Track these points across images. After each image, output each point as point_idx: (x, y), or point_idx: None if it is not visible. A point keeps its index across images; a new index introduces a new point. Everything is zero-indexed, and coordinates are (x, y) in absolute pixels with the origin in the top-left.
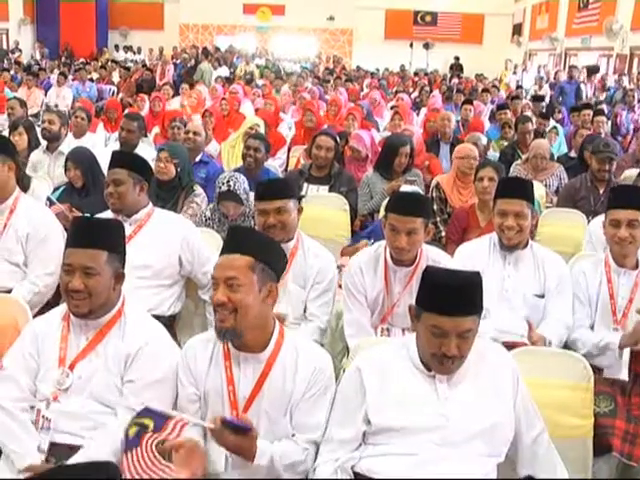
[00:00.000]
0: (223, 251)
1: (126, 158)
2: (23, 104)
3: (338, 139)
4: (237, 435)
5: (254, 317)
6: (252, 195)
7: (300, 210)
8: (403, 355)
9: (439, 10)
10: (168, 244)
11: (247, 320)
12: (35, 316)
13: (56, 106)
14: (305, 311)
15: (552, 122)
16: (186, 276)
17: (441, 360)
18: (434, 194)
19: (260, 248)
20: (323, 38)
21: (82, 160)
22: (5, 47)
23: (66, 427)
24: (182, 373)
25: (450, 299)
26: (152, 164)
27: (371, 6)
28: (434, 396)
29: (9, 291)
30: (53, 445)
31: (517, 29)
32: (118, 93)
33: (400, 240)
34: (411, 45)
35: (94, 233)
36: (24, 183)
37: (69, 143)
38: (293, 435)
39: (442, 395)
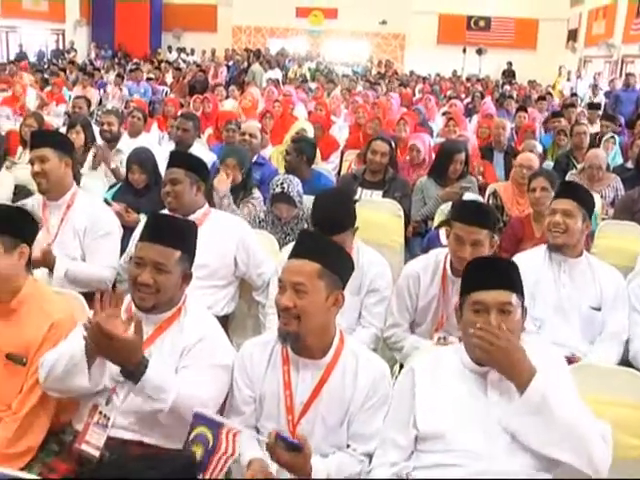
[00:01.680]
0: (292, 255)
1: (184, 158)
2: (89, 103)
3: (393, 144)
4: (291, 452)
5: (317, 324)
6: (306, 198)
7: (355, 230)
8: (454, 358)
9: (493, 15)
10: (224, 244)
11: (310, 326)
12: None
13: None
14: (359, 317)
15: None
16: (240, 277)
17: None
18: (490, 201)
19: (330, 255)
20: (375, 42)
21: (146, 163)
22: (61, 47)
23: (121, 422)
24: (238, 375)
25: (487, 273)
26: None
27: (425, 10)
28: (484, 400)
29: None
30: (109, 439)
31: (572, 35)
32: (171, 93)
33: (464, 251)
34: (464, 50)
35: (170, 231)
36: (75, 179)
37: (125, 142)
38: (348, 446)
39: (491, 398)
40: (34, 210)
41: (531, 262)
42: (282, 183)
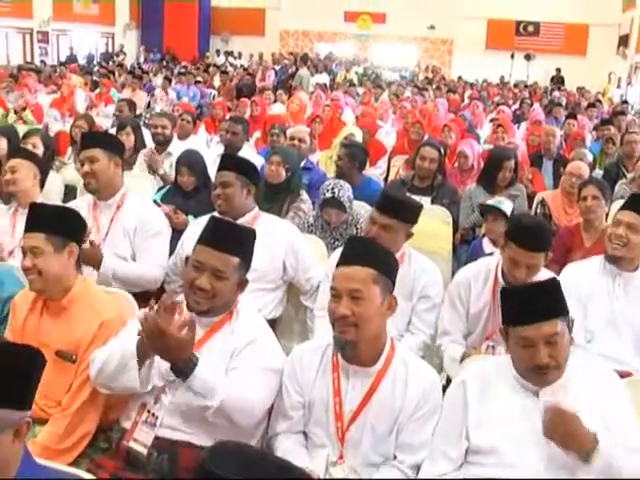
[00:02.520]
0: (342, 262)
1: (234, 161)
2: (132, 106)
3: (442, 151)
4: None
5: (373, 330)
6: (355, 203)
7: (410, 235)
8: (506, 372)
9: (542, 20)
10: (273, 248)
11: (367, 333)
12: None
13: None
14: (409, 323)
15: None
16: (289, 281)
17: (537, 373)
18: (538, 210)
19: (381, 260)
20: (423, 47)
21: (195, 165)
22: (110, 50)
23: (170, 422)
24: (288, 380)
25: (527, 305)
26: None
27: (473, 15)
28: (536, 415)
29: None
30: (157, 439)
31: (623, 40)
32: (218, 97)
33: (519, 273)
34: (512, 56)
35: (231, 237)
36: None
37: (175, 145)
38: (395, 457)
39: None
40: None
41: (585, 273)
42: (333, 188)
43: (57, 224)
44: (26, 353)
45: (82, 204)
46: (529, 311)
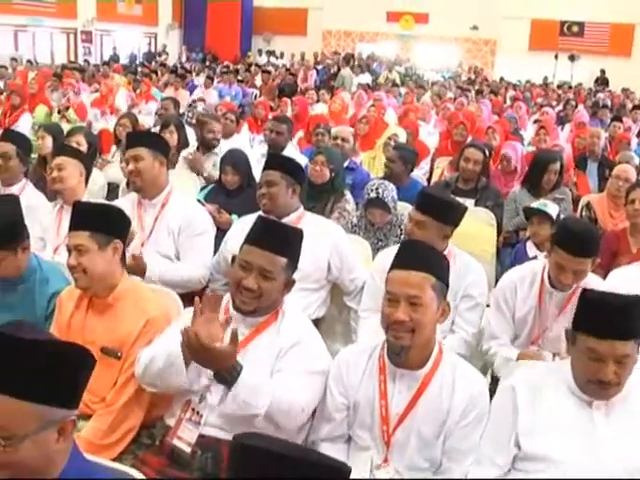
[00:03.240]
0: (398, 266)
1: (280, 160)
2: (176, 104)
3: (487, 152)
4: None
5: (427, 336)
6: (400, 204)
7: (447, 237)
8: (557, 379)
9: (586, 20)
10: (318, 248)
11: (421, 339)
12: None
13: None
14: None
15: None
16: (332, 281)
17: (597, 386)
18: (583, 213)
19: (436, 264)
20: (465, 47)
21: (240, 164)
22: (153, 50)
23: (214, 420)
24: (333, 382)
25: (607, 321)
26: None
27: (516, 15)
28: (590, 425)
29: None
30: (201, 437)
31: None
32: (260, 96)
33: (566, 278)
34: (556, 57)
35: (279, 237)
36: None
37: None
38: (440, 465)
39: (598, 425)
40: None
41: (631, 279)
42: (377, 188)
43: (101, 222)
44: (77, 353)
45: (126, 202)
46: (608, 327)
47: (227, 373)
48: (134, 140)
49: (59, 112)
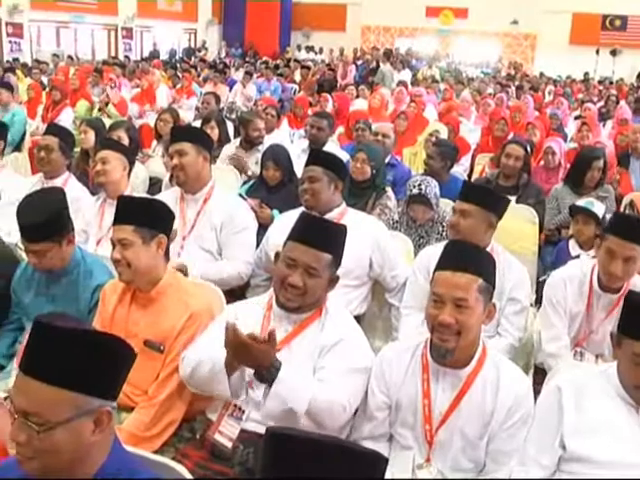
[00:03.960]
0: (446, 266)
1: (323, 156)
2: (218, 100)
3: (528, 149)
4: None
5: (472, 338)
6: (442, 201)
7: (492, 227)
8: (603, 381)
9: (629, 14)
10: (359, 245)
11: (466, 341)
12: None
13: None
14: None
15: None
16: (374, 278)
17: None
18: (627, 212)
19: (483, 265)
20: (505, 42)
21: (281, 160)
22: (192, 46)
23: (256, 416)
24: (375, 380)
25: None
26: None
27: (557, 9)
28: (636, 429)
29: None
30: (242, 432)
31: None
32: (299, 91)
33: (616, 266)
34: (597, 51)
35: (323, 234)
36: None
37: None
38: (484, 466)
39: None
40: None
41: None
42: (420, 184)
43: (145, 216)
44: (116, 345)
45: (169, 197)
46: None
47: (266, 371)
48: (179, 135)
49: (99, 110)
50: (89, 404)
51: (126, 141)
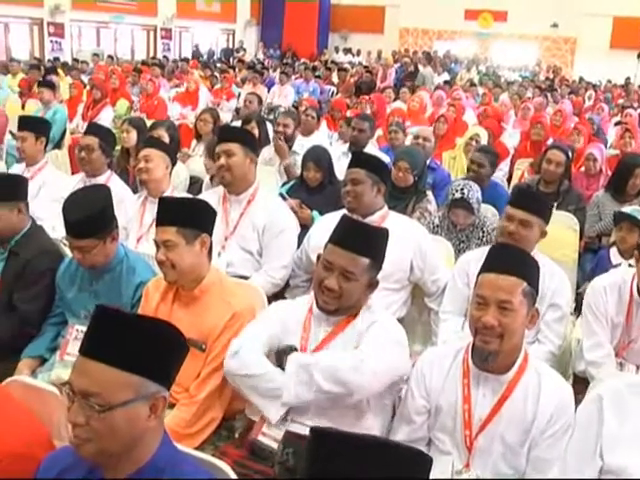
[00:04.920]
0: (490, 269)
1: (366, 158)
2: (260, 100)
3: (570, 154)
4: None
5: (515, 342)
6: (482, 206)
7: (544, 233)
8: None
9: None
10: (401, 248)
11: (509, 345)
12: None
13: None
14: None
15: None
16: (414, 282)
17: None
18: None
19: (528, 269)
20: (544, 46)
21: (322, 161)
22: (230, 46)
23: (299, 417)
24: (414, 384)
25: None
26: None
27: (598, 13)
28: None
29: (242, 278)
30: (287, 432)
31: None
32: (337, 93)
33: None
34: (638, 56)
35: (363, 238)
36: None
37: (299, 141)
38: (524, 473)
39: None
40: None
41: None
42: (462, 188)
43: (188, 217)
44: (173, 334)
45: (211, 197)
46: None
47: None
48: (227, 135)
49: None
50: (147, 388)
51: (167, 140)
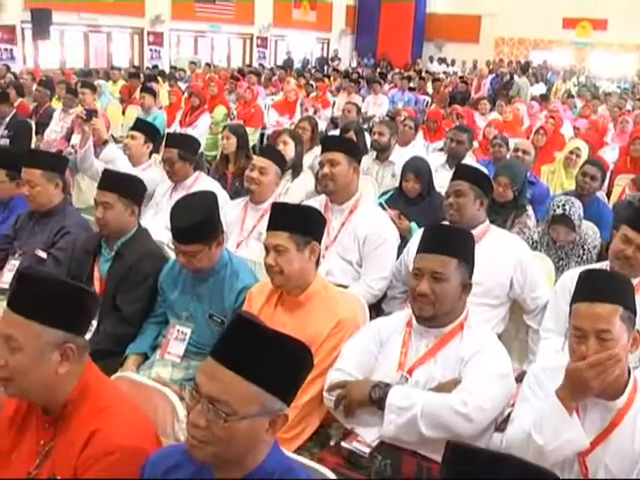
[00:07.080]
0: (583, 298)
1: (470, 171)
2: (358, 110)
3: None
4: None
5: (621, 370)
6: (584, 223)
7: None
8: None
9: None
10: (501, 264)
11: (615, 369)
12: None
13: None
14: None
15: None
16: (513, 298)
17: None
18: None
19: (623, 293)
20: None
21: (422, 172)
22: (325, 55)
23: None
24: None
25: None
26: None
27: None
28: None
29: (340, 287)
30: (382, 443)
31: None
32: (432, 104)
33: None
34: None
35: (445, 239)
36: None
37: (397, 151)
38: None
39: None
40: None
41: None
42: (564, 204)
43: (300, 223)
44: (304, 353)
45: (314, 205)
46: None
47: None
48: (331, 144)
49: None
50: (273, 404)
51: (291, 145)
